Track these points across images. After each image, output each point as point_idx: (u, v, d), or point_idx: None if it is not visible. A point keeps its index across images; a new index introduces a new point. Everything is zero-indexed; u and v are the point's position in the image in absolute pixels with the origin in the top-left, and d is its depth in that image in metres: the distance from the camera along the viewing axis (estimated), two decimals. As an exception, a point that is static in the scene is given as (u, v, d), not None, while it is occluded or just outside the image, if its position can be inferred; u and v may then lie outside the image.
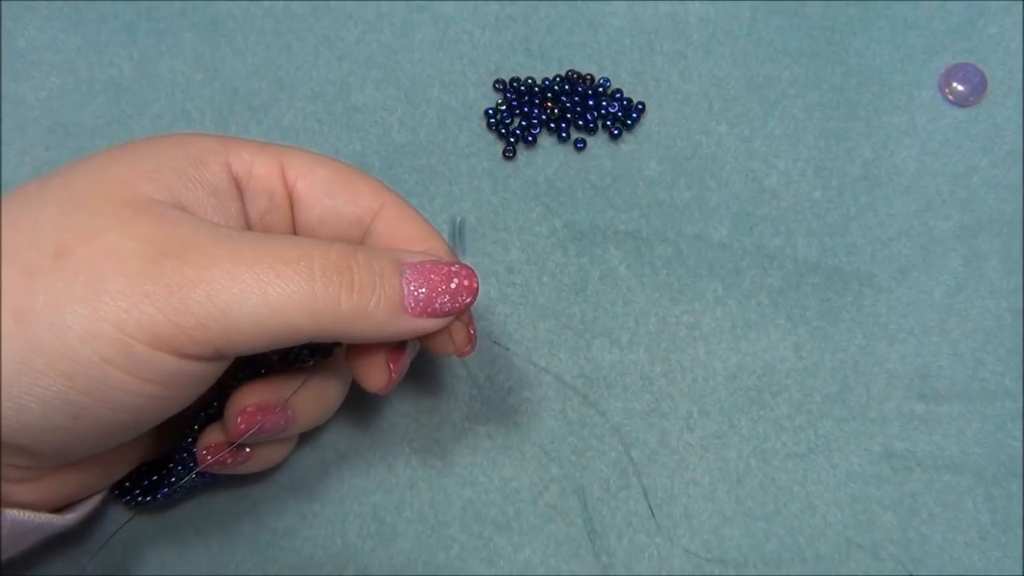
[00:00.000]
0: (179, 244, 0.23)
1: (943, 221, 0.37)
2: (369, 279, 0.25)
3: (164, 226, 0.23)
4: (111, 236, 0.22)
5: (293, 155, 0.28)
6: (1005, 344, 0.36)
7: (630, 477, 0.34)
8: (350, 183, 0.29)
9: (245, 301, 0.23)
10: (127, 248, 0.22)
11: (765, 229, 0.37)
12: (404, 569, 0.33)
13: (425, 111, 0.39)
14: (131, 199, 0.23)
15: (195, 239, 0.23)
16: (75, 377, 0.22)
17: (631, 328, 0.36)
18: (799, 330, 0.36)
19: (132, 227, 0.23)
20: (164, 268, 0.22)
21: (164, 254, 0.22)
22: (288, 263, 0.23)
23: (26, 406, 0.22)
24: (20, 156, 0.37)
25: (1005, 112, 0.39)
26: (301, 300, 0.23)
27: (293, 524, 0.33)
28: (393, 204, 0.29)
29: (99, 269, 0.22)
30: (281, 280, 0.23)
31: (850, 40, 0.40)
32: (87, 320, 0.22)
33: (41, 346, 0.22)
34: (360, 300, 0.24)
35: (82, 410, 0.23)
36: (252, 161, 0.27)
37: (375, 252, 0.26)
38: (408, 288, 0.25)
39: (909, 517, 0.34)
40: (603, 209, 0.37)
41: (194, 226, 0.24)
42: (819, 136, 0.39)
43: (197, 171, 0.26)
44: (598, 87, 0.39)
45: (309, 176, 0.28)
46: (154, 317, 0.22)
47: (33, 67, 0.39)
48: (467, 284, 0.26)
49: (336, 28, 0.40)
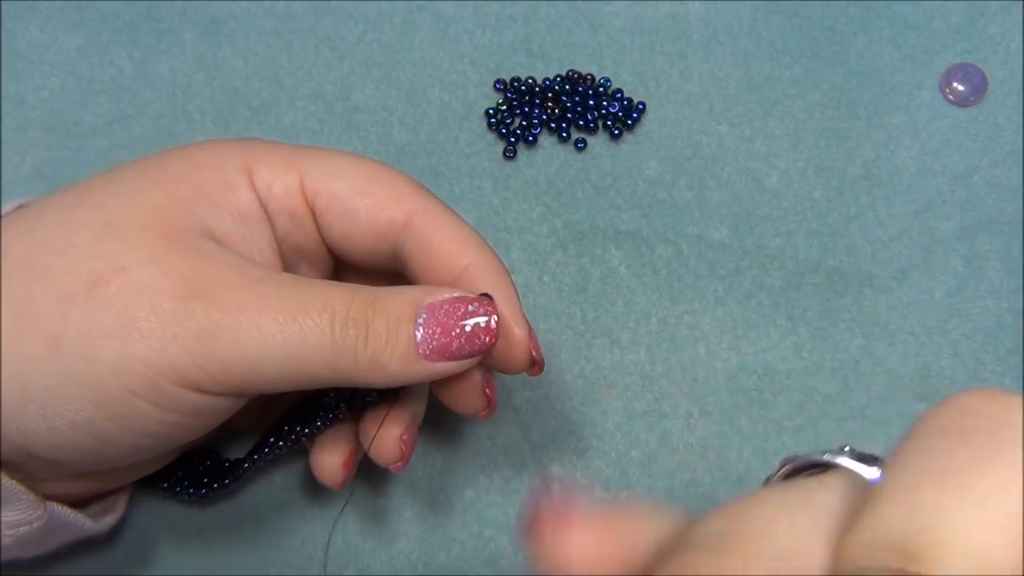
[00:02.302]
0: (210, 284, 0.24)
1: (943, 221, 0.37)
2: (383, 330, 0.25)
3: (196, 263, 0.24)
4: (145, 271, 0.23)
5: (313, 164, 0.27)
6: (1005, 344, 0.36)
7: (631, 477, 0.34)
8: (371, 193, 0.27)
9: (268, 352, 0.24)
10: (160, 285, 0.23)
11: (765, 229, 0.37)
12: (404, 569, 0.33)
13: (426, 111, 0.39)
14: (166, 231, 0.24)
15: (225, 280, 0.24)
16: (103, 405, 0.23)
17: (631, 328, 0.36)
18: (799, 330, 0.36)
19: (166, 262, 0.24)
20: (194, 310, 0.23)
21: (194, 294, 0.23)
22: (310, 315, 0.24)
23: (57, 428, 0.23)
24: (20, 156, 0.37)
25: (1005, 112, 0.39)
26: (322, 353, 0.24)
27: (293, 524, 0.33)
28: (424, 212, 0.27)
29: (131, 305, 0.23)
30: (303, 333, 0.24)
31: (850, 40, 0.40)
32: (117, 355, 0.23)
33: (72, 374, 0.23)
34: (373, 353, 0.25)
35: (109, 435, 0.24)
36: (272, 180, 0.27)
37: (395, 296, 0.25)
38: (422, 333, 0.25)
39: (909, 517, 0.34)
40: (603, 209, 0.37)
41: (225, 264, 0.24)
42: (819, 136, 0.39)
43: (227, 198, 0.26)
44: (599, 87, 0.39)
45: (327, 192, 0.27)
46: (181, 359, 0.23)
47: (33, 67, 0.39)
48: (484, 325, 0.25)
49: (337, 28, 0.40)
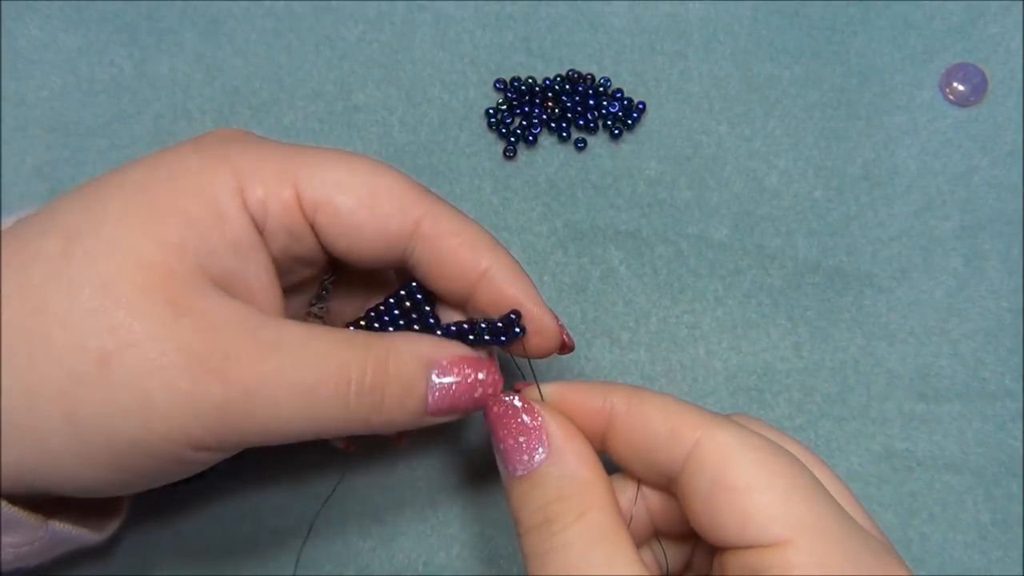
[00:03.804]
0: (222, 357, 0.23)
1: (943, 221, 0.37)
2: (398, 395, 0.25)
3: (207, 333, 0.23)
4: (155, 347, 0.23)
5: (309, 174, 0.26)
6: (1005, 344, 0.36)
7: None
8: (376, 206, 0.26)
9: (283, 423, 0.24)
10: (173, 362, 0.23)
11: (766, 229, 0.37)
12: (404, 569, 0.33)
13: (426, 111, 0.39)
14: (169, 295, 0.23)
15: (238, 350, 0.23)
16: (123, 466, 0.24)
17: (632, 328, 0.36)
18: (799, 330, 0.36)
19: (176, 335, 0.23)
20: (210, 389, 0.23)
21: (209, 371, 0.23)
22: (328, 386, 0.24)
23: (80, 479, 0.24)
24: (20, 156, 0.37)
25: (1005, 112, 0.39)
26: (336, 420, 0.25)
27: (293, 524, 0.33)
28: (431, 219, 0.27)
29: (147, 385, 0.23)
30: (318, 406, 0.24)
31: (850, 40, 0.40)
32: (137, 432, 0.23)
33: (92, 444, 0.23)
34: (388, 417, 0.25)
35: (126, 483, 0.24)
36: (266, 198, 0.25)
37: (405, 353, 0.26)
38: (432, 397, 0.26)
39: (909, 517, 0.34)
40: (603, 209, 0.38)
41: (235, 330, 0.24)
42: (819, 136, 0.39)
43: (220, 232, 0.24)
44: (599, 87, 0.39)
45: (329, 208, 0.26)
46: (199, 433, 0.23)
47: (34, 67, 0.39)
48: (491, 391, 0.26)
49: (337, 28, 0.40)
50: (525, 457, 0.25)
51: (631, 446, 0.26)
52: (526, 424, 0.25)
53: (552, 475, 0.24)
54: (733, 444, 0.23)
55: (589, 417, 0.26)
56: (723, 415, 0.25)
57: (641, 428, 0.25)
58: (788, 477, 0.23)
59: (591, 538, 0.23)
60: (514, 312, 0.27)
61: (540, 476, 0.25)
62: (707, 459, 0.24)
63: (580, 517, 0.24)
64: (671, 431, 0.24)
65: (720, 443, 0.24)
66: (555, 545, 0.23)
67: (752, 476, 0.23)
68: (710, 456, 0.24)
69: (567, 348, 0.29)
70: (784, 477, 0.23)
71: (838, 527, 0.23)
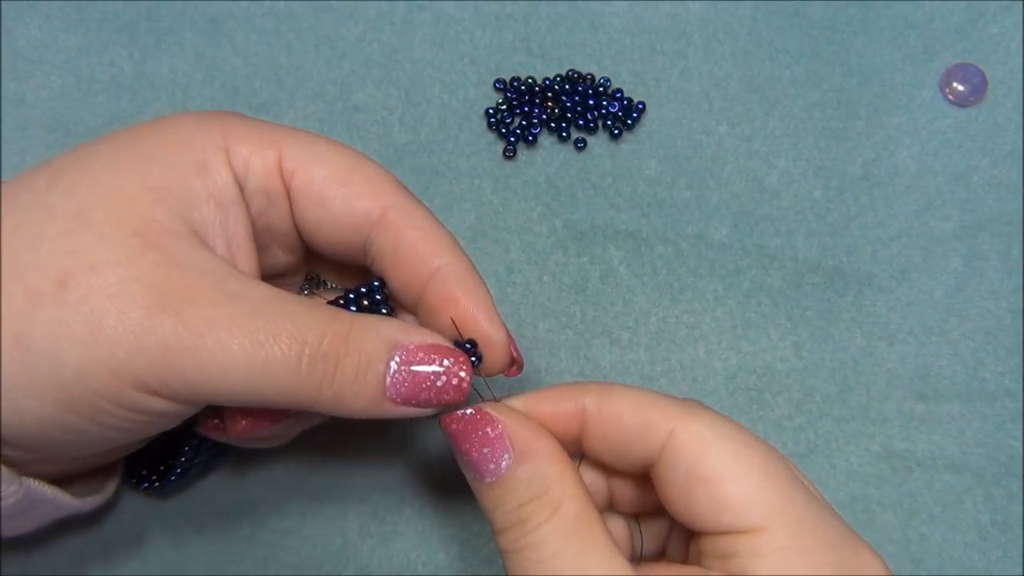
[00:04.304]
0: (180, 296, 0.23)
1: (943, 221, 0.37)
2: (352, 370, 0.24)
3: (169, 270, 0.23)
4: (116, 274, 0.23)
5: (293, 144, 0.27)
6: (1005, 344, 0.36)
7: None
8: (350, 183, 0.27)
9: (231, 374, 0.23)
10: (130, 291, 0.23)
11: (765, 229, 0.37)
12: (404, 569, 0.33)
13: (426, 110, 0.39)
14: (139, 227, 0.23)
15: (197, 292, 0.23)
16: (68, 403, 0.23)
17: (631, 328, 0.36)
18: (799, 330, 0.36)
19: (138, 265, 0.23)
20: (161, 324, 0.23)
21: (163, 307, 0.23)
22: (279, 343, 0.23)
23: (24, 421, 0.23)
24: (20, 156, 0.37)
25: (1005, 112, 0.39)
26: (285, 383, 0.24)
27: (293, 524, 0.33)
28: (398, 209, 0.27)
29: (100, 310, 0.22)
30: (268, 361, 0.23)
31: (850, 40, 0.40)
32: (83, 360, 0.22)
33: (37, 373, 0.22)
34: (338, 390, 0.24)
35: (74, 428, 0.24)
36: (249, 157, 0.26)
37: (369, 332, 0.25)
38: (391, 380, 0.25)
39: (909, 517, 0.34)
40: (603, 209, 0.38)
41: (199, 273, 0.24)
42: (819, 136, 0.39)
43: (203, 182, 0.25)
44: (598, 87, 0.39)
45: (305, 175, 0.27)
46: (144, 371, 0.23)
47: (34, 66, 0.39)
48: (455, 383, 0.25)
49: (337, 27, 0.40)
50: (492, 466, 0.25)
51: (606, 442, 0.26)
52: (488, 435, 0.25)
53: (521, 478, 0.24)
54: (707, 434, 0.24)
55: (562, 422, 0.26)
56: (696, 403, 0.25)
57: (614, 423, 0.25)
58: (762, 466, 0.23)
59: (565, 531, 0.24)
60: (470, 342, 0.27)
61: (509, 480, 0.25)
62: (682, 449, 0.24)
63: (553, 513, 0.24)
64: (643, 423, 0.25)
65: (694, 434, 0.24)
66: (530, 542, 0.24)
67: (726, 466, 0.23)
68: (685, 447, 0.24)
69: (515, 364, 0.28)
70: (758, 466, 0.23)
71: (810, 514, 0.23)
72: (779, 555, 0.22)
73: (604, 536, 0.24)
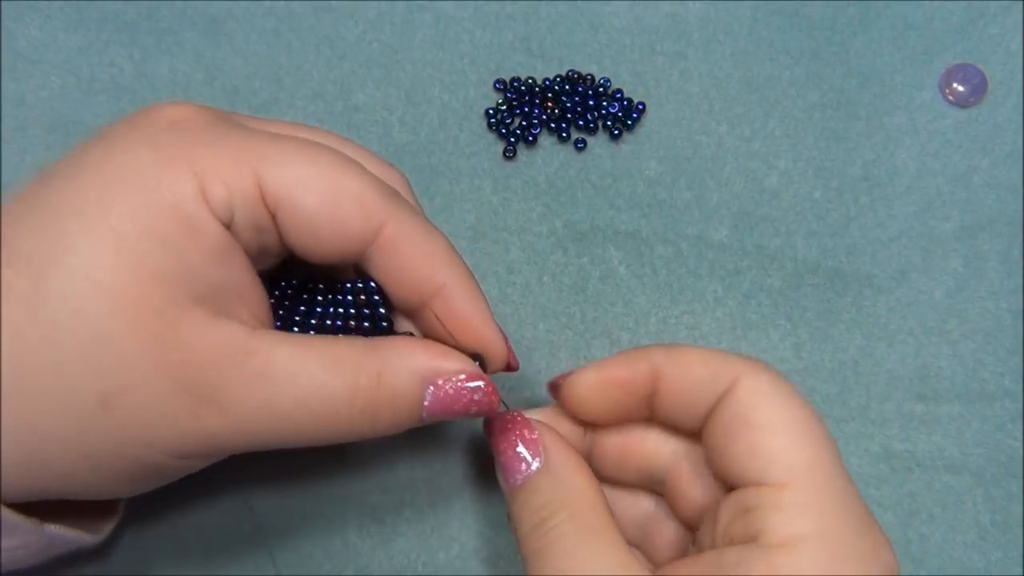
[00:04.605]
0: (215, 390, 0.24)
1: (943, 222, 0.37)
2: (391, 414, 0.26)
3: (198, 368, 0.24)
4: (152, 387, 0.23)
5: (270, 169, 0.25)
6: (1005, 344, 0.36)
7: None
8: (338, 208, 0.25)
9: (277, 443, 0.25)
10: (171, 400, 0.23)
11: (765, 229, 0.37)
12: (404, 569, 0.33)
13: (426, 111, 0.39)
14: (157, 331, 0.23)
15: (227, 381, 0.24)
16: (132, 477, 0.25)
17: (631, 328, 0.36)
18: (799, 331, 0.36)
19: (166, 373, 0.23)
20: (206, 420, 0.24)
21: (204, 403, 0.24)
22: (319, 415, 0.25)
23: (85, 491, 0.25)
24: (20, 156, 0.37)
25: (1005, 112, 0.39)
26: (330, 439, 0.26)
27: (293, 524, 0.33)
28: (393, 226, 0.26)
29: (146, 421, 0.23)
30: (312, 429, 0.25)
31: (850, 40, 0.40)
32: (141, 453, 0.24)
33: (103, 470, 0.24)
34: (382, 431, 0.26)
35: (133, 486, 0.26)
36: (229, 195, 0.24)
37: (401, 371, 0.26)
38: (425, 408, 0.26)
39: (909, 517, 0.34)
40: (603, 209, 0.38)
41: (223, 358, 0.24)
42: (819, 136, 0.39)
43: (195, 244, 0.24)
44: (598, 87, 0.39)
45: (290, 207, 0.25)
46: (201, 451, 0.25)
47: (34, 66, 0.39)
48: (485, 401, 0.26)
49: (337, 27, 0.40)
50: (523, 467, 0.26)
51: (677, 397, 0.26)
52: (525, 437, 0.27)
53: (546, 482, 0.26)
54: (765, 387, 0.25)
55: (638, 383, 0.27)
56: (762, 361, 0.26)
57: (686, 378, 0.26)
58: (805, 428, 0.24)
59: (583, 531, 0.25)
60: (477, 355, 0.27)
61: (536, 483, 0.26)
62: (739, 396, 0.25)
63: (572, 515, 0.25)
64: (713, 375, 0.25)
65: (752, 384, 0.25)
66: (551, 540, 0.25)
67: (771, 417, 0.24)
68: (742, 393, 0.25)
69: (511, 369, 0.30)
70: (802, 426, 0.24)
71: (835, 481, 0.24)
72: (795, 511, 0.23)
73: (622, 541, 0.25)
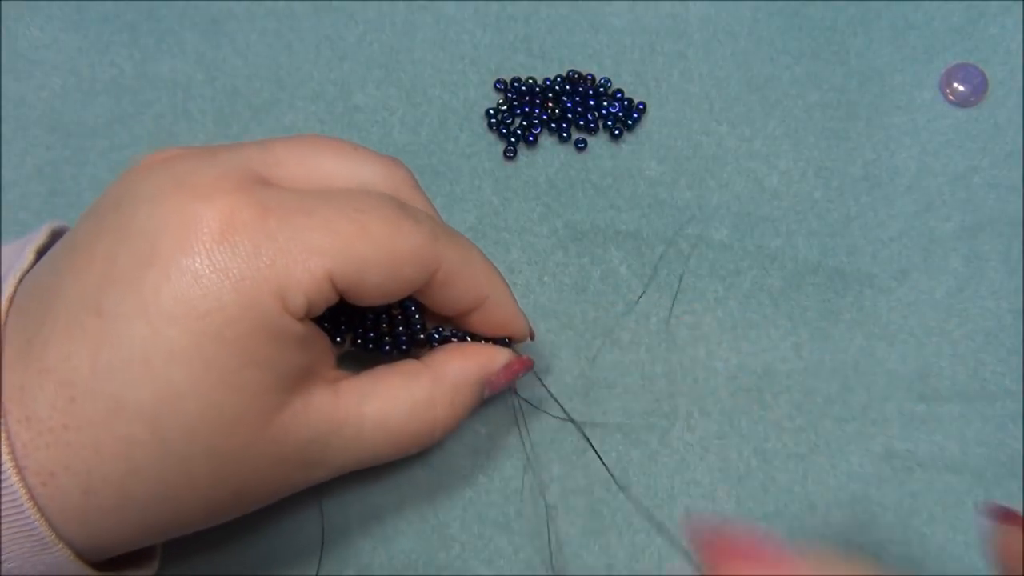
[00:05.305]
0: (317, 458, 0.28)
1: (944, 221, 0.37)
2: (459, 422, 0.30)
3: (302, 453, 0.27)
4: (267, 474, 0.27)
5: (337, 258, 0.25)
6: (1005, 344, 0.36)
7: (631, 477, 0.34)
8: (399, 272, 0.27)
9: (367, 466, 0.30)
10: (284, 480, 0.28)
11: (766, 229, 0.37)
12: (404, 569, 0.33)
13: (426, 111, 0.39)
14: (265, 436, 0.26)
15: (327, 449, 0.27)
16: None
17: (632, 328, 0.36)
18: (800, 330, 0.36)
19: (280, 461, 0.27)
20: (312, 477, 0.29)
21: (309, 467, 0.28)
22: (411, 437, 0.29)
23: None
24: (20, 156, 0.37)
25: (1006, 112, 0.39)
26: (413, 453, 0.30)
27: (293, 524, 0.33)
28: (443, 272, 0.28)
29: (264, 498, 0.28)
30: (403, 452, 0.30)
31: (851, 40, 0.40)
32: None
33: None
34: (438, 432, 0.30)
35: None
36: (309, 303, 0.25)
37: (465, 387, 0.30)
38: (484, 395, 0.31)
39: (909, 517, 0.34)
40: (604, 209, 0.38)
41: (321, 439, 0.27)
42: (820, 136, 0.39)
43: (281, 353, 0.25)
44: (599, 87, 0.39)
45: (356, 287, 0.26)
46: None
47: (34, 67, 0.39)
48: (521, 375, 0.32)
49: (337, 28, 0.40)
50: None
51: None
52: None
53: None
54: None
55: None
56: None
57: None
58: None
59: None
60: (505, 340, 0.31)
61: None
62: None
63: None
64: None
65: None
66: None
67: None
68: None
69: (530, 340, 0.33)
70: None
71: None
72: None
73: None
